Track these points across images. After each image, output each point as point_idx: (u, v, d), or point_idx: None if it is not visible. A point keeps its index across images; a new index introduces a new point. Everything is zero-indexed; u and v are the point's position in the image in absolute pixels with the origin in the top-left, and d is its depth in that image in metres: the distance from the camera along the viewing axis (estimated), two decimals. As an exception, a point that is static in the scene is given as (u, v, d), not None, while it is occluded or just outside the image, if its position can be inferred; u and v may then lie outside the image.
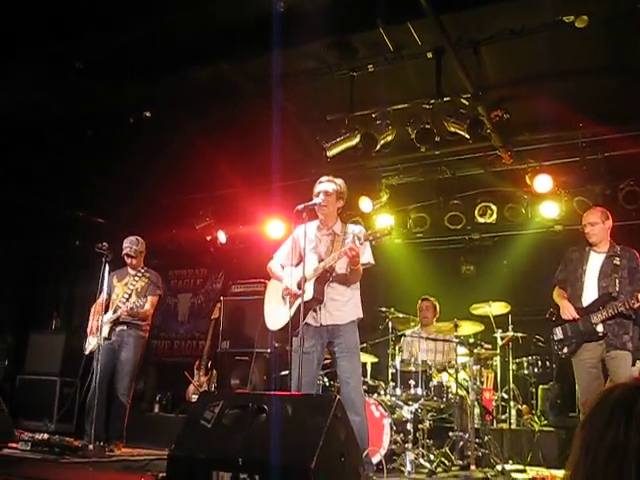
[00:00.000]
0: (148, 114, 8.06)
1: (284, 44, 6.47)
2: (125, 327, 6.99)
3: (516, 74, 7.39)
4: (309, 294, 5.30)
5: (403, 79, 7.49)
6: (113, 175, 9.25)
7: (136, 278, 7.03)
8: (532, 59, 6.99)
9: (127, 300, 6.97)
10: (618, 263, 5.79)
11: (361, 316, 5.52)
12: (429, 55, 6.87)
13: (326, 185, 5.50)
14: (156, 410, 10.11)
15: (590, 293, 5.86)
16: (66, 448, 6.28)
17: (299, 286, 5.25)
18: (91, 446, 6.16)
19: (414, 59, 7.06)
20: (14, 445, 6.49)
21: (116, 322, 6.95)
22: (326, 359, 6.08)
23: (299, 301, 5.16)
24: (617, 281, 5.73)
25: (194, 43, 6.62)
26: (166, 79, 7.00)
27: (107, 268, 6.67)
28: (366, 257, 5.41)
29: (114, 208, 10.47)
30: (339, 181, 5.57)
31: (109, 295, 6.99)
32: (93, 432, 6.32)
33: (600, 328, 5.69)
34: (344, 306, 5.44)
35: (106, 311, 6.93)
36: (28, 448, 6.38)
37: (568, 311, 5.86)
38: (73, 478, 4.64)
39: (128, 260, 7.20)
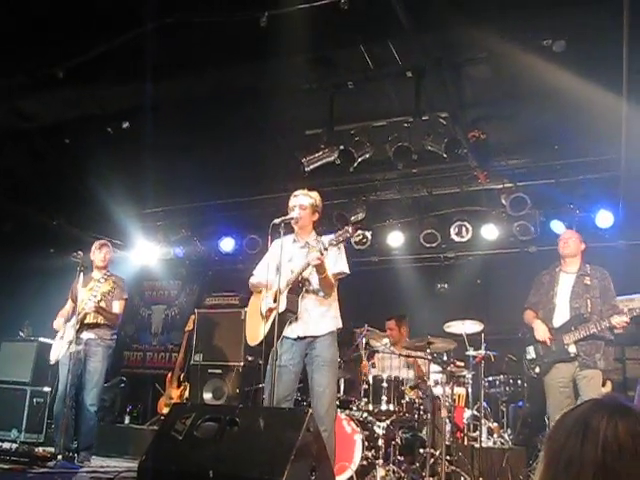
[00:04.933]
0: (127, 124, 8.00)
1: (265, 58, 6.50)
2: (93, 336, 6.87)
3: (494, 96, 7.46)
4: (282, 306, 5.27)
5: (383, 97, 7.53)
6: (92, 185, 9.17)
7: (101, 281, 6.90)
8: (511, 81, 7.06)
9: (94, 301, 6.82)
10: (589, 283, 5.86)
11: (340, 326, 5.48)
12: (409, 74, 6.92)
13: (302, 199, 5.54)
14: (127, 422, 10.03)
15: (562, 314, 5.91)
16: (35, 458, 6.22)
17: (274, 299, 5.25)
18: (60, 457, 6.09)
19: (394, 77, 7.11)
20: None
21: (83, 326, 6.75)
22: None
23: (274, 314, 5.13)
24: (589, 302, 5.79)
25: (176, 51, 6.61)
26: (147, 87, 6.95)
27: (82, 277, 6.61)
28: (339, 266, 5.41)
29: (91, 218, 10.39)
30: (314, 194, 5.62)
31: (74, 302, 6.89)
32: (62, 442, 6.25)
33: (572, 349, 5.73)
34: (322, 317, 5.39)
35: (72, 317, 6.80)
36: (-5, 458, 6.32)
37: (542, 331, 5.91)
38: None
39: (101, 257, 7.10)
